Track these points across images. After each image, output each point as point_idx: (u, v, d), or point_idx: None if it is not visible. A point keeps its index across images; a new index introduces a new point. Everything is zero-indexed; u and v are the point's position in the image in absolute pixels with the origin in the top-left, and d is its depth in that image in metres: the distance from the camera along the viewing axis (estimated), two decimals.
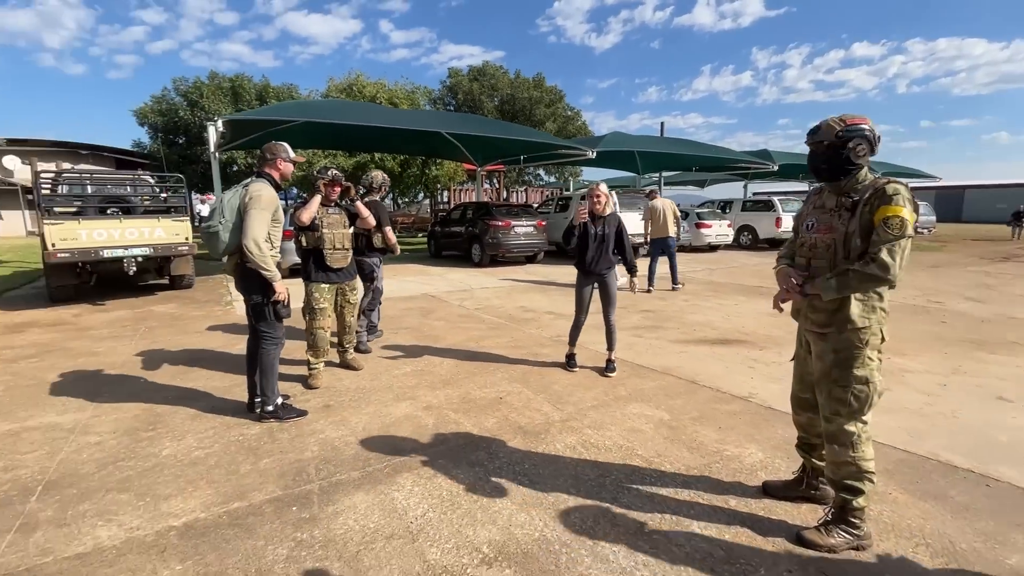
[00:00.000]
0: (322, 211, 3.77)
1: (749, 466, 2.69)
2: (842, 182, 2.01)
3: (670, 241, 8.55)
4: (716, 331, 5.56)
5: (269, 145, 3.12)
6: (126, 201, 7.94)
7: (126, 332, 5.59)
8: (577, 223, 4.09)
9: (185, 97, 22.74)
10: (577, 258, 4.20)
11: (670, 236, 8.53)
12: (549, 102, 28.75)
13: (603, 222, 4.06)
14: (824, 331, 2.05)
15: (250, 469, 2.66)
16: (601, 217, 4.07)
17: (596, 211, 4.05)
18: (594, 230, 4.06)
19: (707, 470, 2.66)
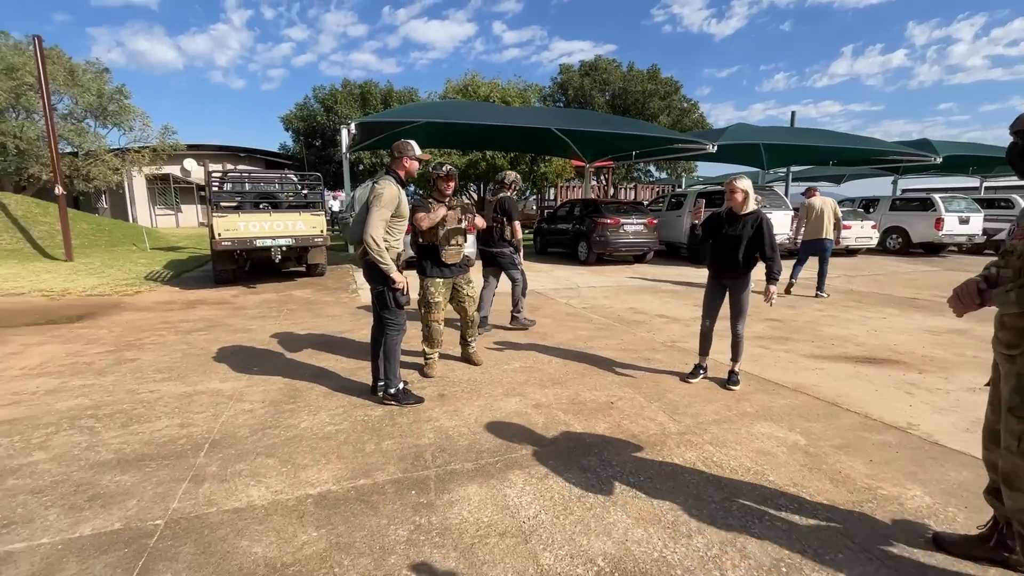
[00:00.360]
0: (437, 207, 3.88)
1: (912, 511, 2.29)
2: None
3: (826, 243, 7.74)
4: (860, 347, 4.87)
5: (397, 143, 3.29)
6: (275, 197, 9.00)
7: (271, 313, 6.33)
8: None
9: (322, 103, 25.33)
10: (707, 259, 3.94)
11: (826, 238, 7.71)
12: (664, 94, 27.47)
13: (741, 221, 3.65)
14: (1011, 352, 1.67)
15: (374, 449, 2.84)
16: (738, 215, 3.67)
17: (734, 209, 3.68)
18: (727, 229, 3.69)
19: (858, 507, 2.31)
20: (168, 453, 2.78)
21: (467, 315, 4.19)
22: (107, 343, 4.94)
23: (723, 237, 3.71)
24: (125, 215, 24.68)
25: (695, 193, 12.29)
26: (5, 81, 16.53)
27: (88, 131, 19.62)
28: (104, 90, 19.64)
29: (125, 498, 2.35)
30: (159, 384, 3.82)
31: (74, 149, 19.33)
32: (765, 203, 11.06)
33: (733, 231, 3.65)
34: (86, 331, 5.41)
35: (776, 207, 11.09)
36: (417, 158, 3.28)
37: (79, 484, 2.47)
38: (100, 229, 14.82)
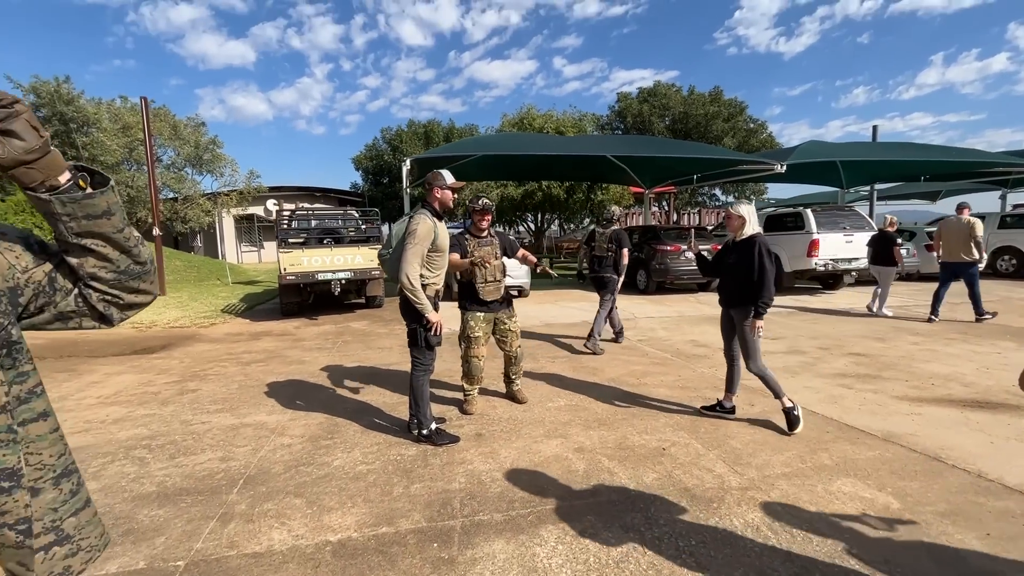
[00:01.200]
0: (474, 243, 3.77)
1: None
2: None
3: (964, 267, 7.04)
4: (968, 388, 4.16)
5: (429, 175, 3.26)
6: (337, 233, 9.44)
7: (327, 344, 6.50)
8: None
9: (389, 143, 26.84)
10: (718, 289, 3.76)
11: (964, 260, 7.00)
12: (728, 116, 26.53)
13: (740, 248, 3.42)
14: None
15: (402, 492, 2.69)
16: (738, 242, 3.46)
17: (732, 234, 3.52)
18: (729, 257, 3.51)
19: None
20: (205, 488, 2.79)
21: (511, 351, 4.01)
22: (176, 373, 5.24)
23: (726, 265, 3.53)
24: (216, 252, 27.13)
25: (765, 216, 11.53)
26: (120, 138, 18.93)
27: (186, 178, 21.99)
28: (200, 141, 22.00)
29: (155, 535, 2.35)
30: (211, 415, 3.94)
31: (175, 195, 21.70)
32: (845, 224, 10.15)
33: (733, 259, 3.47)
34: (160, 361, 5.80)
35: (858, 228, 10.13)
36: (449, 187, 3.21)
37: (119, 517, 2.51)
38: (191, 265, 16.27)
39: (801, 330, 6.72)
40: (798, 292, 10.64)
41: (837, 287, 11.01)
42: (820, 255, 9.78)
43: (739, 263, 3.40)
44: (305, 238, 9.14)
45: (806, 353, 5.47)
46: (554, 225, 21.61)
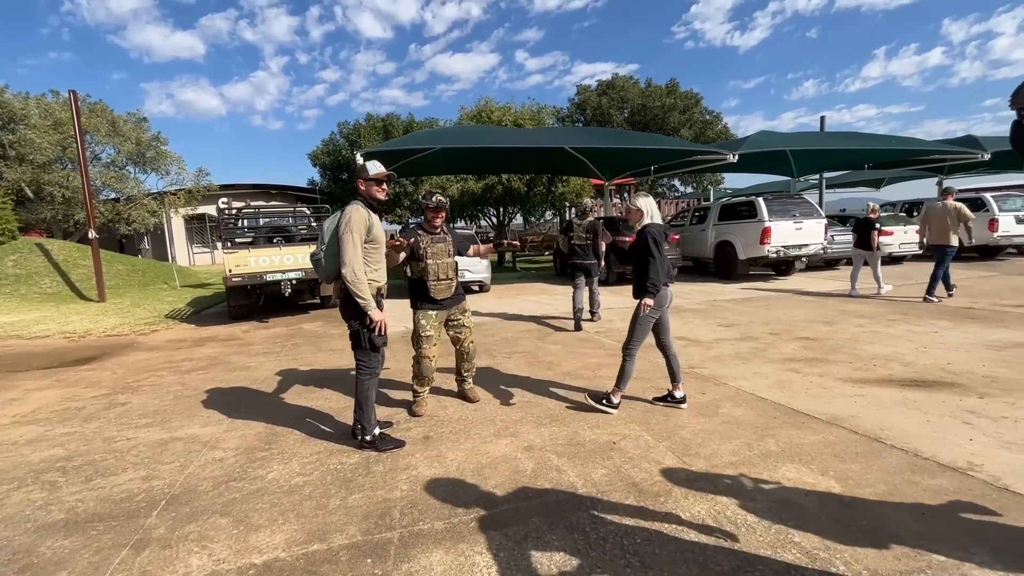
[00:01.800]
0: (427, 240, 3.63)
1: None
2: None
3: (947, 249, 7.46)
4: (908, 368, 4.30)
5: (356, 167, 3.10)
6: (287, 231, 9.06)
7: (275, 348, 6.21)
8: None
9: (347, 138, 26.02)
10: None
11: (950, 244, 7.43)
12: (684, 108, 27.01)
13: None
14: None
15: (339, 504, 2.54)
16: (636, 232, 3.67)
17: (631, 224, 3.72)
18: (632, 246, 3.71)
19: None
20: (121, 512, 2.56)
21: (463, 348, 3.88)
22: (105, 386, 4.88)
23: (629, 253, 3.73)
24: (165, 255, 25.81)
25: (720, 205, 11.76)
26: (52, 135, 17.68)
27: (128, 177, 20.75)
28: (143, 138, 20.78)
29: (57, 569, 2.13)
30: (139, 431, 3.66)
31: (117, 195, 20.45)
32: (795, 212, 10.45)
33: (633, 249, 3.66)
34: (90, 374, 5.39)
35: (807, 216, 10.45)
36: (373, 178, 3.04)
37: (16, 552, 2.26)
38: (135, 269, 15.39)
39: (754, 316, 6.86)
40: (752, 279, 10.91)
41: (789, 273, 11.35)
42: (772, 242, 10.04)
43: (637, 252, 3.57)
44: (253, 237, 8.72)
45: (757, 339, 5.56)
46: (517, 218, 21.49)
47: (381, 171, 3.07)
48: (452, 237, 3.78)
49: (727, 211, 11.37)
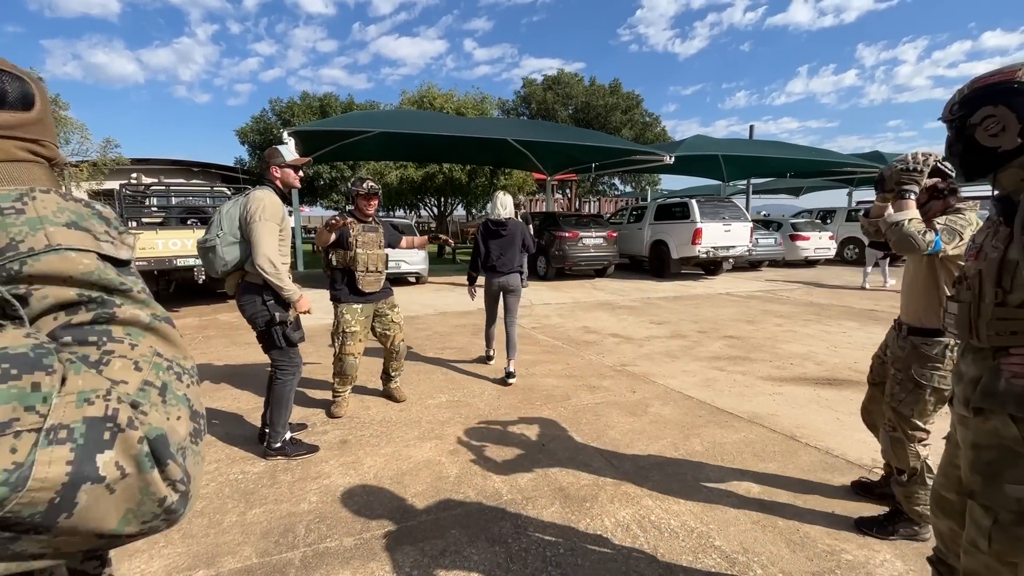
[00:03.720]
0: (357, 228, 3.36)
1: None
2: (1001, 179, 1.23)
3: None
4: (820, 366, 4.55)
5: (266, 151, 2.80)
6: (203, 212, 8.30)
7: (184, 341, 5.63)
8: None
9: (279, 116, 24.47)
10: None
11: None
12: (626, 108, 27.69)
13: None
14: (964, 413, 1.30)
15: (235, 521, 2.26)
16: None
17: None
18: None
19: None
20: None
21: (393, 345, 3.63)
22: None
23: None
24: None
25: (656, 205, 12.11)
26: None
27: None
28: None
29: None
30: None
31: None
32: (724, 215, 10.93)
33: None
34: None
35: (735, 219, 10.97)
36: (289, 165, 2.75)
37: None
38: None
39: (684, 314, 7.08)
40: (684, 278, 11.33)
41: (717, 273, 11.90)
42: (703, 243, 10.45)
43: None
44: (163, 218, 7.91)
45: (687, 337, 5.72)
46: (460, 208, 21.15)
47: (298, 158, 2.78)
48: (384, 228, 3.54)
49: (662, 211, 11.72)
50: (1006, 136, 1.17)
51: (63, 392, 0.35)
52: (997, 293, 1.19)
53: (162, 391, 0.42)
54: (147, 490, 0.37)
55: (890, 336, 2.29)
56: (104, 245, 0.45)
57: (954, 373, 1.38)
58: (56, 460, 0.33)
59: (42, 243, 0.40)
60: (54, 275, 0.40)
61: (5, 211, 0.41)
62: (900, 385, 2.08)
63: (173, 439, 0.41)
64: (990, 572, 1.20)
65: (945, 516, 1.46)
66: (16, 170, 0.45)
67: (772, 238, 13.01)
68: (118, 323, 0.43)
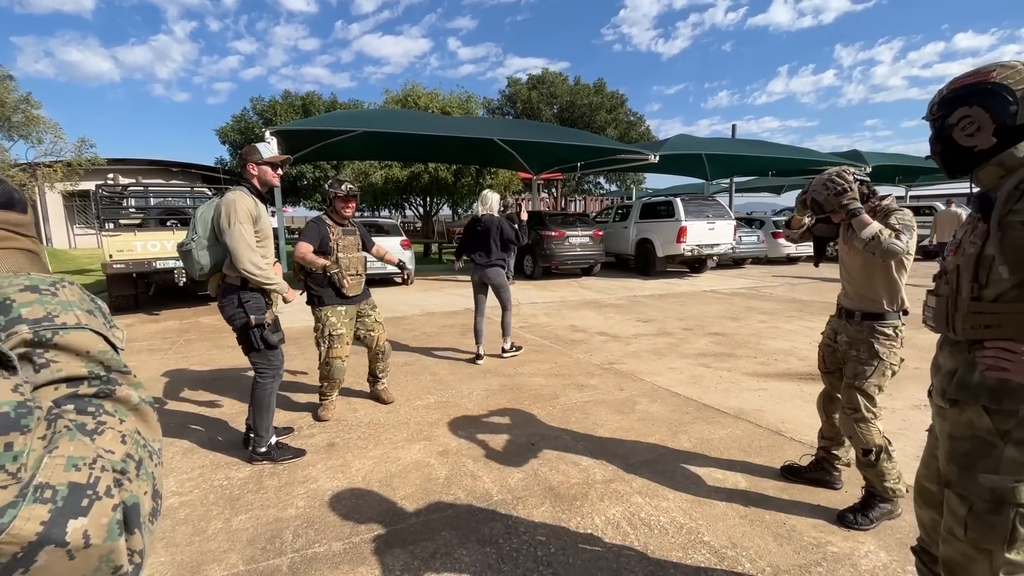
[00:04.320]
0: (337, 232, 3.34)
1: (868, 572, 1.90)
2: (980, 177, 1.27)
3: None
4: (803, 361, 4.62)
5: (244, 148, 2.76)
6: (183, 213, 8.13)
7: (164, 345, 5.52)
8: None
9: (261, 115, 24.11)
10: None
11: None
12: (610, 107, 27.85)
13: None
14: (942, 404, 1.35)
15: (220, 528, 2.22)
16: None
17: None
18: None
19: (806, 574, 1.90)
20: None
21: (378, 346, 3.60)
22: None
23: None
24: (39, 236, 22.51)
25: (641, 204, 12.20)
26: None
27: None
28: (7, 99, 17.79)
29: None
30: None
31: None
32: (708, 213, 11.05)
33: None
34: None
35: (719, 217, 11.09)
36: (266, 162, 2.71)
37: None
38: None
39: (670, 312, 7.14)
40: (669, 275, 11.44)
41: (702, 271, 12.03)
42: (687, 241, 10.55)
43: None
44: (142, 219, 7.73)
45: (673, 334, 5.76)
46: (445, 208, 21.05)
47: (276, 154, 2.74)
48: (359, 230, 3.53)
49: (648, 210, 11.81)
50: (981, 136, 1.20)
51: (54, 454, 0.37)
52: (973, 288, 1.22)
53: (138, 465, 0.45)
54: (108, 558, 0.38)
55: (838, 325, 2.41)
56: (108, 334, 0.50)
57: (932, 365, 1.42)
58: (33, 518, 0.34)
59: (72, 321, 0.47)
60: (77, 349, 0.46)
61: (43, 291, 0.47)
62: (864, 364, 2.18)
63: (143, 510, 0.43)
64: (967, 560, 1.23)
65: (927, 506, 1.49)
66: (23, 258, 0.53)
67: (755, 236, 13.20)
68: (114, 400, 0.47)
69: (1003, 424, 1.18)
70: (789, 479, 2.58)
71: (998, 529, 1.17)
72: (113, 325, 0.53)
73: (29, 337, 0.43)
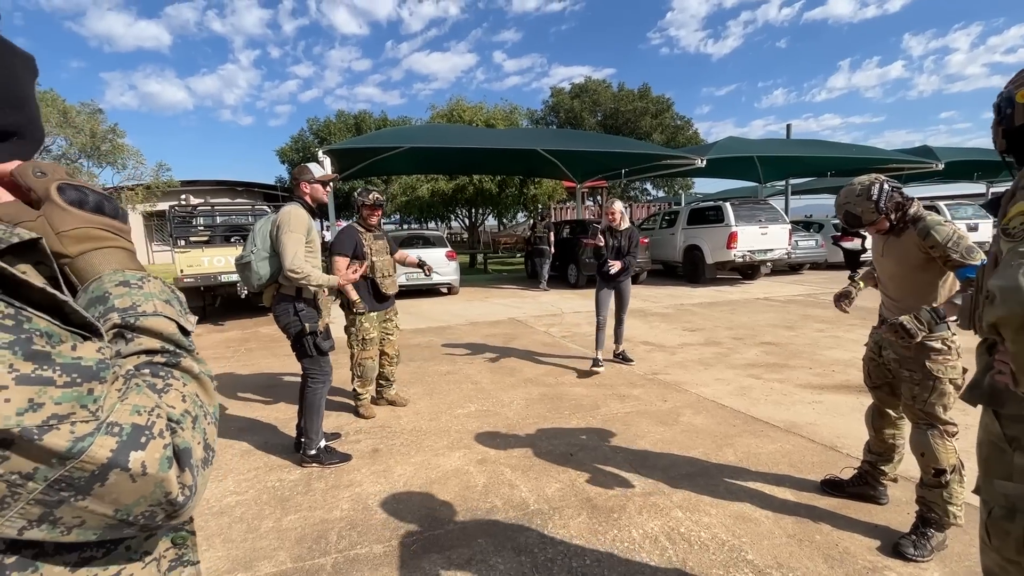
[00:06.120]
0: (369, 237, 3.56)
1: None
2: None
3: None
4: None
5: (296, 168, 2.96)
6: (245, 230, 8.69)
7: (228, 353, 5.91)
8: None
9: (316, 135, 25.48)
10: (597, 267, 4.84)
11: None
12: (655, 112, 27.37)
13: (620, 235, 4.72)
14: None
15: (271, 527, 2.35)
16: (617, 230, 4.73)
17: (613, 225, 4.74)
18: (611, 242, 4.71)
19: None
20: None
21: (391, 350, 3.81)
22: None
23: (610, 248, 4.71)
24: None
25: (688, 209, 11.89)
26: None
27: (82, 171, 19.73)
28: (97, 130, 19.80)
29: None
30: None
31: None
32: (761, 217, 10.62)
33: (617, 242, 4.70)
34: None
35: (772, 221, 10.64)
36: (317, 180, 2.90)
37: None
38: None
39: (719, 321, 6.90)
40: (719, 283, 11.05)
41: (755, 277, 11.55)
42: (738, 247, 10.17)
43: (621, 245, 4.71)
44: (209, 236, 8.33)
45: (721, 344, 5.57)
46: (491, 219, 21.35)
47: (326, 174, 2.94)
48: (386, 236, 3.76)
49: (695, 215, 11.50)
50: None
51: (125, 402, 0.48)
52: None
53: (194, 420, 0.55)
54: (160, 485, 0.48)
55: (880, 338, 2.27)
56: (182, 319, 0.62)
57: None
58: (105, 446, 0.45)
59: (152, 308, 0.59)
60: (154, 330, 0.58)
61: (132, 284, 0.60)
62: (920, 385, 2.04)
63: (195, 455, 0.53)
64: (1001, 571, 1.17)
65: None
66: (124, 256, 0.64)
67: (813, 240, 12.54)
68: (180, 369, 0.58)
69: (1011, 430, 1.15)
70: (830, 493, 2.44)
71: (1012, 536, 1.12)
72: (187, 312, 0.66)
73: (118, 322, 0.56)
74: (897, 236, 2.07)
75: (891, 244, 2.12)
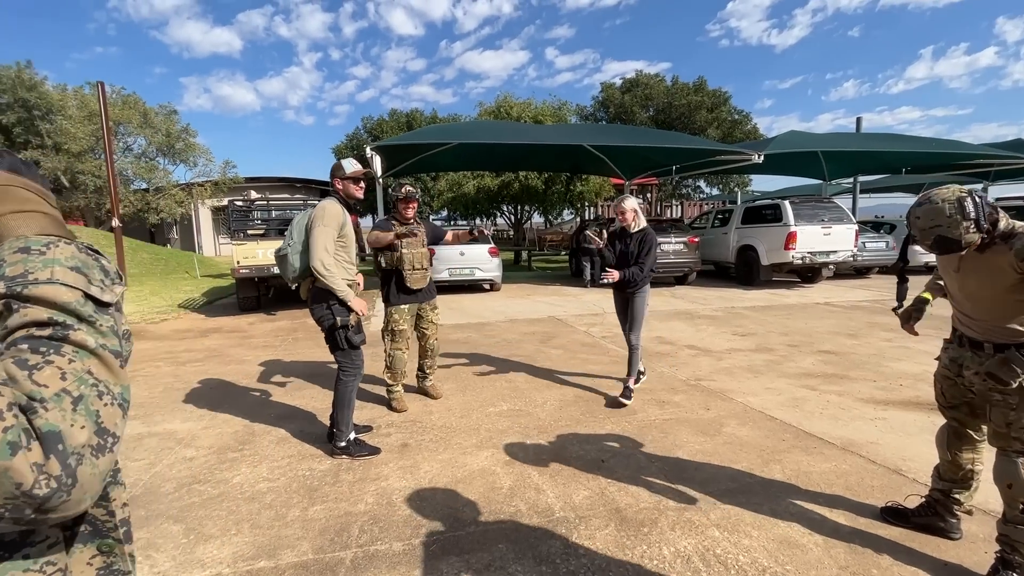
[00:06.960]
0: (400, 230, 3.59)
1: None
2: None
3: None
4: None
5: (332, 166, 3.00)
6: None
7: (276, 342, 6.14)
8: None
9: (370, 133, 26.22)
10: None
11: None
12: (711, 106, 26.25)
13: (632, 238, 3.76)
14: None
15: (297, 516, 2.38)
16: (630, 233, 3.77)
17: (625, 227, 3.80)
18: (620, 245, 3.83)
19: None
20: None
21: (428, 344, 3.88)
22: None
23: (618, 253, 3.83)
24: (192, 245, 26.44)
25: (743, 208, 11.30)
26: (87, 125, 18.23)
27: (158, 168, 21.28)
28: (172, 130, 21.29)
29: None
30: None
31: (146, 185, 21.00)
32: (824, 217, 9.93)
33: (626, 246, 3.78)
34: None
35: (837, 221, 9.92)
36: (349, 176, 2.93)
37: None
38: (158, 258, 15.74)
39: (773, 326, 6.49)
40: (775, 285, 10.44)
41: (816, 280, 10.83)
42: (798, 248, 9.56)
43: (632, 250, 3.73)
44: (264, 229, 8.72)
45: (774, 351, 5.22)
46: (536, 216, 21.18)
47: (358, 169, 2.98)
48: (425, 227, 3.79)
49: (751, 214, 10.91)
50: None
51: None
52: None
53: (76, 401, 0.48)
54: (6, 474, 0.42)
55: (959, 354, 2.03)
56: (93, 288, 0.56)
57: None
58: None
59: (45, 276, 0.53)
60: (43, 299, 0.52)
61: (32, 251, 0.55)
62: (1015, 410, 1.77)
63: (68, 442, 0.46)
64: None
65: None
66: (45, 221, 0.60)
67: (883, 242, 11.61)
68: (69, 343, 0.52)
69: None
70: (892, 522, 2.19)
71: None
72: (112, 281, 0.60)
73: (3, 291, 0.52)
74: (980, 251, 1.77)
75: (969, 259, 1.81)
